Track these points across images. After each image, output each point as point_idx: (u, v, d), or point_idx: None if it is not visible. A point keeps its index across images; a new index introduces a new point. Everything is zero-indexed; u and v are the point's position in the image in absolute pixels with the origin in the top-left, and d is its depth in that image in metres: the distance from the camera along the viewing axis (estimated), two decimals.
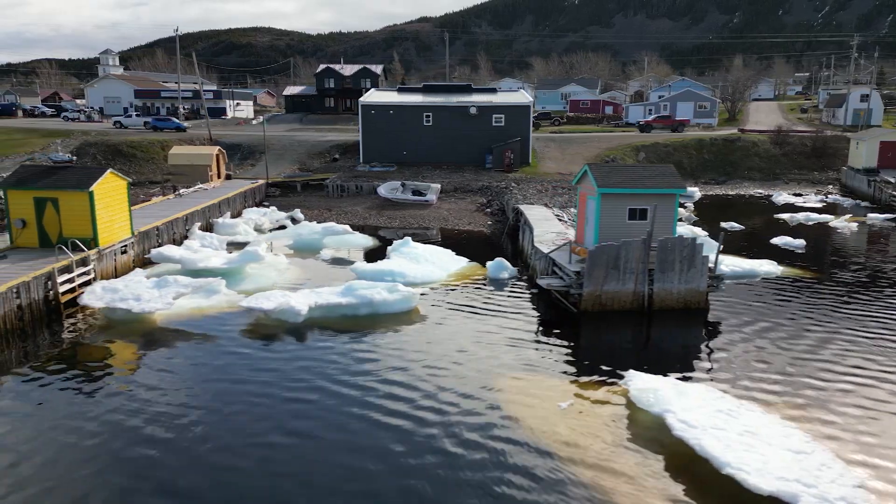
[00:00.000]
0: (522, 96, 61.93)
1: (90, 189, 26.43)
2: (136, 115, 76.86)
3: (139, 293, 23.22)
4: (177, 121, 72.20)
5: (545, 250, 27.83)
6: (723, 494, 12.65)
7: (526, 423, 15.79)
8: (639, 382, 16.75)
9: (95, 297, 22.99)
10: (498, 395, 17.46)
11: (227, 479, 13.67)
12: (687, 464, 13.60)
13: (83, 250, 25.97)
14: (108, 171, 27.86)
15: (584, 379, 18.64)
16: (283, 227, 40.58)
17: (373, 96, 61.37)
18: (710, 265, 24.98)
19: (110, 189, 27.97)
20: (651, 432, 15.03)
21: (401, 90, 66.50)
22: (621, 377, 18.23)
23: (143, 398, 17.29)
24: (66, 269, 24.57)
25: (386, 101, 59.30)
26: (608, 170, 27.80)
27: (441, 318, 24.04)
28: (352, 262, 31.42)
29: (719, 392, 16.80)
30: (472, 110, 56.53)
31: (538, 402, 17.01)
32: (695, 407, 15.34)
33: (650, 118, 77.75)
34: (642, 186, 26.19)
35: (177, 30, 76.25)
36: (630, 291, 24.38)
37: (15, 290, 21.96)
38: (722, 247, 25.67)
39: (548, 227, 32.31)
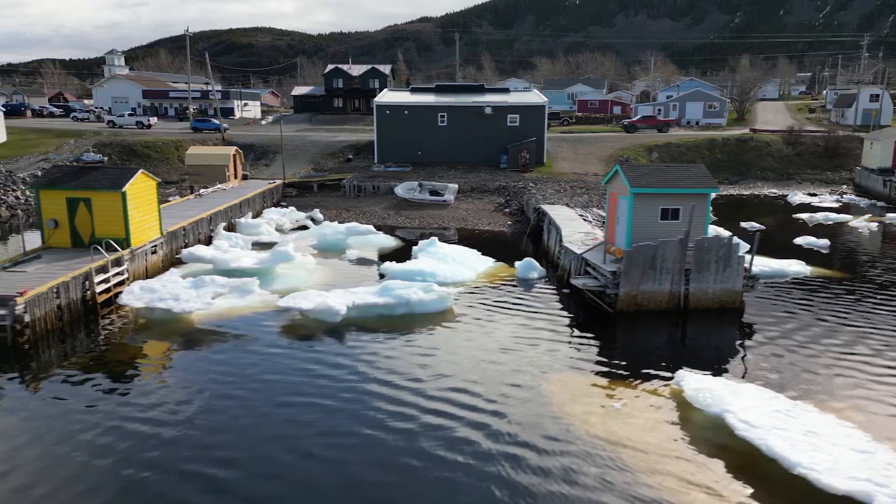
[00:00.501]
0: (537, 96, 61.97)
1: (123, 189, 26.41)
2: (129, 115, 77.39)
3: (177, 293, 23.22)
4: (216, 122, 72.63)
5: (577, 250, 27.82)
6: (795, 495, 12.66)
7: (583, 423, 15.80)
8: (692, 382, 16.77)
9: (134, 296, 22.98)
10: (549, 395, 17.47)
11: (276, 478, 13.67)
12: (754, 464, 13.61)
13: (117, 250, 25.96)
14: (140, 171, 27.85)
15: (632, 379, 18.64)
16: (303, 228, 40.58)
17: (387, 96, 61.37)
18: (745, 265, 25.00)
19: (141, 189, 27.96)
20: (712, 432, 15.04)
21: (414, 90, 66.51)
22: (670, 377, 18.27)
23: (195, 396, 17.31)
24: (102, 270, 24.57)
25: (401, 101, 59.31)
26: (641, 170, 27.81)
27: (477, 318, 24.03)
28: (377, 263, 31.47)
29: (772, 392, 16.82)
30: (487, 110, 56.55)
31: (591, 402, 17.02)
32: (752, 407, 15.37)
33: (635, 118, 77.89)
34: (675, 186, 26.20)
35: (187, 29, 76.27)
36: (666, 291, 24.40)
37: (55, 290, 21.95)
38: (756, 247, 25.61)
39: (575, 228, 32.32)
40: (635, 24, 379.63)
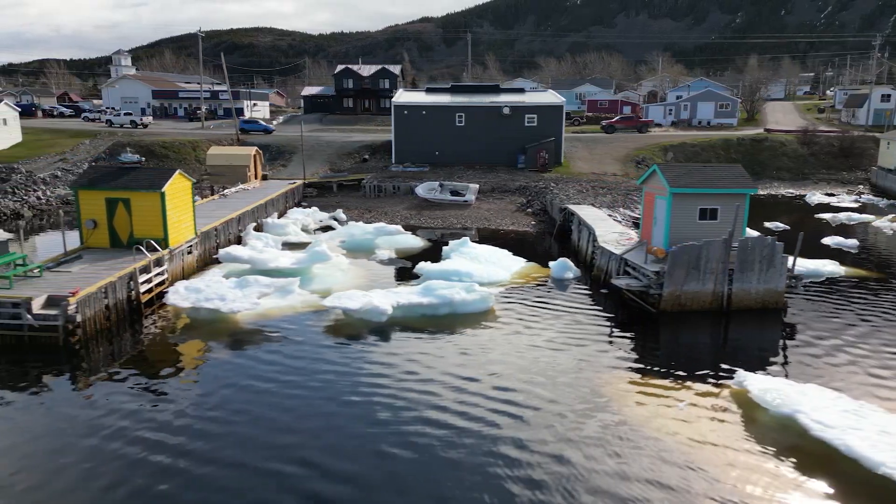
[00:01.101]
0: (554, 96, 61.94)
1: (162, 190, 26.38)
2: (125, 115, 78.30)
3: (223, 293, 23.18)
4: (264, 123, 72.81)
5: (614, 250, 27.83)
6: (879, 495, 12.66)
7: (651, 423, 15.79)
8: (757, 382, 16.77)
9: (180, 297, 22.93)
10: (608, 395, 17.46)
11: (325, 475, 13.67)
12: (833, 464, 13.59)
13: (157, 250, 25.94)
14: (177, 171, 27.82)
15: (688, 378, 18.61)
16: (327, 228, 40.58)
17: (403, 97, 61.36)
18: (788, 265, 25.02)
19: (178, 189, 27.93)
20: (785, 432, 15.02)
21: (429, 90, 66.50)
22: (727, 377, 18.29)
23: (250, 394, 17.33)
24: (144, 270, 24.55)
25: (418, 102, 59.30)
26: (679, 170, 27.82)
27: (519, 318, 24.02)
28: (409, 262, 31.44)
29: (834, 392, 16.79)
30: (505, 110, 56.54)
31: (652, 403, 17.01)
32: (822, 407, 15.36)
33: (614, 119, 77.81)
34: (714, 186, 26.24)
35: (199, 29, 76.15)
36: (710, 291, 24.41)
37: (103, 290, 21.93)
38: (799, 248, 25.56)
39: (608, 228, 32.31)
40: (637, 25, 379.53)
